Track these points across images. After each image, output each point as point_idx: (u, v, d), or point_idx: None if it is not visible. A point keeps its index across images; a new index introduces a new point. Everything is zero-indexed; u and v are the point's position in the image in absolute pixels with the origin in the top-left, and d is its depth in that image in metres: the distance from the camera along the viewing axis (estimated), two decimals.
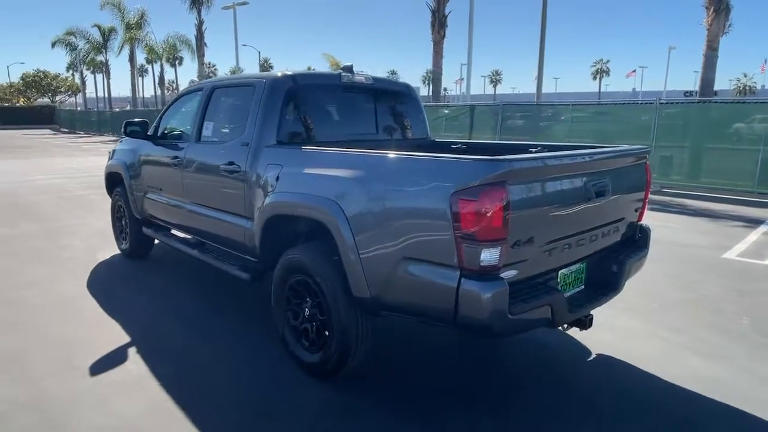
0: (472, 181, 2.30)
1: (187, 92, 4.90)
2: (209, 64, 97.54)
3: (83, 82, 47.64)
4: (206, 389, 3.10)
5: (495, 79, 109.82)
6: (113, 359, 3.44)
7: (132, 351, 3.56)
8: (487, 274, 2.36)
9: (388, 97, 4.49)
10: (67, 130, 41.09)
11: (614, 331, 4.02)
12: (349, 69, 4.09)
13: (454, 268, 2.38)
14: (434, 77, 20.14)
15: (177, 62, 59.22)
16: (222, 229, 4.00)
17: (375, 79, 4.27)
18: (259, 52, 59.57)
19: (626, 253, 3.33)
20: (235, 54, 28.87)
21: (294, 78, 3.75)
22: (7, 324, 4.00)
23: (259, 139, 3.58)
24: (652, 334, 3.99)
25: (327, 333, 3.05)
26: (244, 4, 26.54)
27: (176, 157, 4.46)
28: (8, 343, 3.67)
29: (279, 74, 3.77)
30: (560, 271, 2.89)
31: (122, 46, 35.56)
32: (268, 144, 3.56)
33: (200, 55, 31.02)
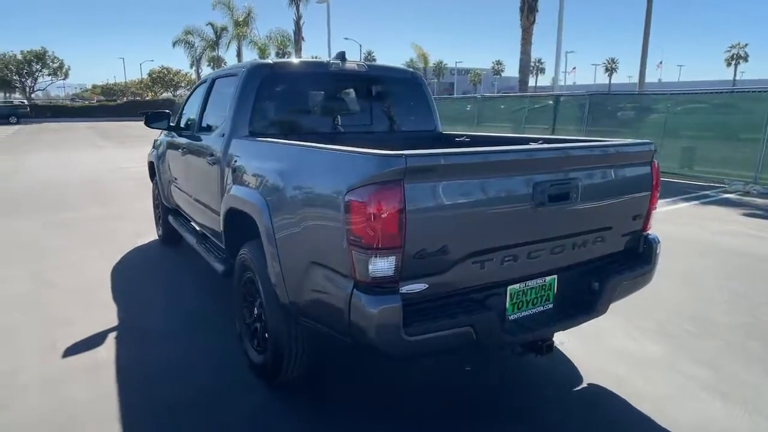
0: (363, 180, 1.99)
1: (201, 82, 4.99)
2: (313, 57, 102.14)
3: (198, 77, 51.83)
4: (158, 384, 3.10)
5: (610, 67, 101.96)
6: (89, 344, 3.58)
7: (111, 337, 3.69)
8: (381, 287, 2.05)
9: (387, 86, 4.20)
10: None
11: (627, 357, 3.43)
12: (341, 56, 3.87)
13: (348, 278, 2.10)
14: (521, 65, 19.02)
15: (284, 57, 62.11)
16: (208, 221, 4.01)
17: (371, 66, 4.02)
18: (360, 45, 60.45)
19: (616, 268, 2.78)
20: (328, 46, 29.61)
21: (272, 66, 3.61)
22: (23, 301, 4.35)
23: (231, 130, 3.50)
24: (674, 366, 3.33)
25: (266, 335, 2.91)
26: None
27: (184, 148, 4.55)
28: (13, 318, 3.98)
29: (257, 62, 3.65)
30: (509, 288, 2.46)
31: (230, 42, 38.13)
32: (240, 135, 3.46)
33: (298, 50, 32.29)
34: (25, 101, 44.15)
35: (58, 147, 19.45)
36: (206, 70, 52.21)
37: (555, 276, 2.62)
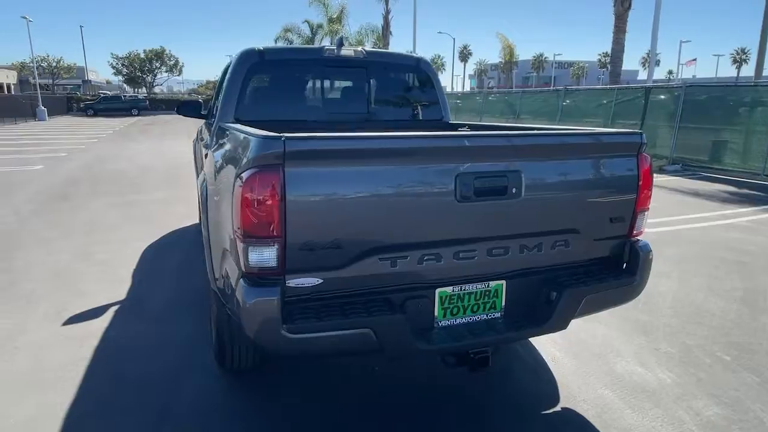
0: (247, 163, 1.86)
1: (223, 70, 5.10)
2: (408, 52, 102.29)
3: None
4: (128, 359, 3.21)
5: (739, 58, 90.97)
6: (89, 315, 3.81)
7: (111, 311, 3.90)
8: (264, 279, 1.91)
9: (388, 73, 3.99)
10: None
11: (626, 383, 2.97)
12: (339, 42, 3.75)
13: (239, 267, 1.98)
14: (613, 56, 17.49)
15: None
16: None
17: (369, 52, 3.84)
18: (454, 39, 59.47)
19: (584, 278, 2.38)
20: (413, 40, 29.39)
21: (261, 52, 3.57)
22: (54, 272, 4.75)
23: (219, 116, 3.53)
24: (680, 399, 2.82)
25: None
26: None
27: (200, 135, 4.70)
28: (38, 286, 4.36)
29: (247, 49, 3.64)
30: (438, 290, 2.20)
31: (322, 39, 39.27)
32: (226, 121, 3.47)
33: (385, 44, 32.48)
34: (145, 96, 48.92)
35: (162, 136, 21.29)
36: None
37: (503, 282, 2.30)
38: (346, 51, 3.70)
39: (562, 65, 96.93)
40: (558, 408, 2.75)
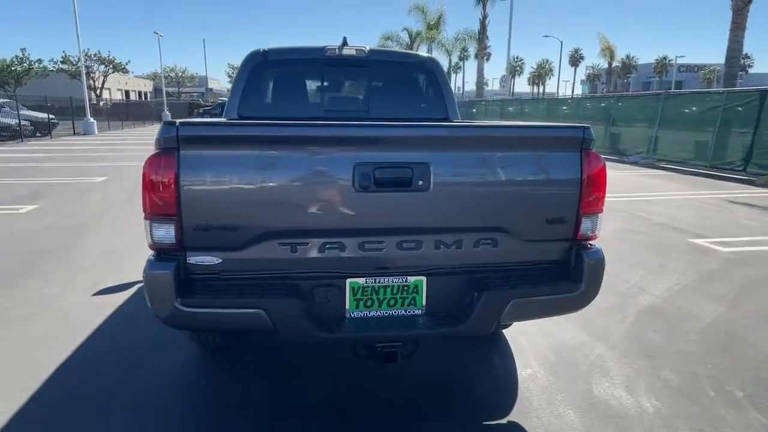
0: (154, 148, 2.01)
1: None
2: (516, 57, 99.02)
3: None
4: (128, 329, 3.56)
5: None
6: (116, 290, 4.27)
7: (135, 288, 4.32)
8: (165, 254, 2.04)
9: (390, 72, 3.98)
10: None
11: (597, 406, 2.71)
12: (343, 42, 3.85)
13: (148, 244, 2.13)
14: (728, 56, 15.58)
15: (465, 57, 61.32)
16: None
17: (372, 51, 3.87)
18: (561, 43, 56.74)
19: (512, 281, 2.22)
20: (507, 44, 28.60)
21: (265, 53, 3.77)
22: (112, 250, 5.36)
23: (225, 114, 3.79)
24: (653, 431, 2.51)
25: None
26: None
27: None
28: (91, 261, 4.95)
29: (253, 50, 3.85)
30: (348, 281, 2.18)
31: (419, 45, 39.66)
32: (230, 118, 3.72)
33: (481, 48, 31.97)
34: None
35: None
36: None
37: (422, 278, 2.23)
38: (348, 50, 3.77)
39: (690, 68, 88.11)
40: (502, 420, 2.58)
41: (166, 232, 2.00)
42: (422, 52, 42.02)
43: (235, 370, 3.05)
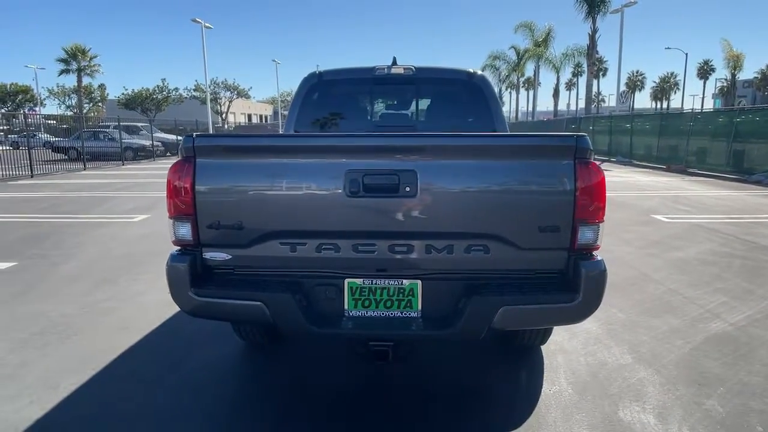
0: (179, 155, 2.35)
1: None
2: (636, 72, 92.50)
3: (500, 98, 54.48)
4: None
5: None
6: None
7: None
8: (187, 249, 2.35)
9: (437, 89, 4.11)
10: None
11: None
12: (392, 62, 4.08)
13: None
14: None
15: (578, 72, 58.62)
16: None
17: (419, 69, 4.03)
18: (687, 55, 52.04)
19: (504, 289, 2.22)
20: (618, 59, 26.89)
21: (320, 75, 4.10)
22: None
23: (285, 131, 4.17)
24: None
25: None
26: (631, 4, 24.40)
27: None
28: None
29: (310, 73, 4.19)
30: (347, 281, 2.33)
31: (524, 63, 38.91)
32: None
33: (590, 64, 30.43)
34: None
35: None
36: (505, 92, 54.46)
37: (418, 282, 2.31)
38: (396, 69, 3.98)
39: None
40: (508, 431, 2.54)
41: (185, 231, 2.31)
42: (529, 69, 41.27)
43: (272, 361, 3.32)
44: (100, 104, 58.47)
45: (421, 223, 2.22)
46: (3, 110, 50.93)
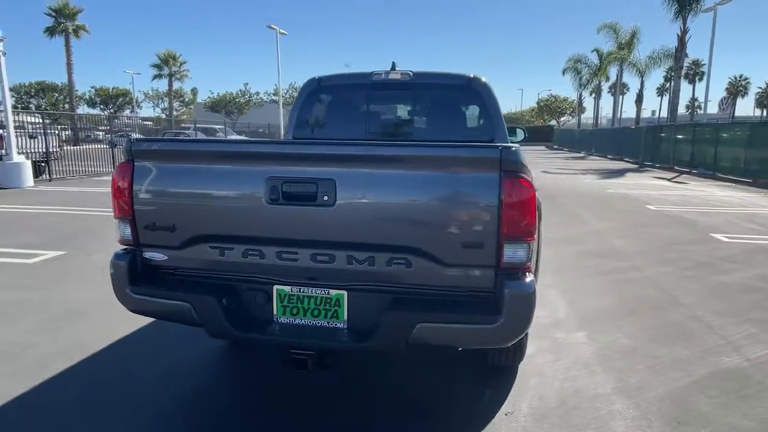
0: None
1: None
2: (739, 77, 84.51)
3: (580, 104, 52.02)
4: None
5: None
6: None
7: None
8: (128, 249, 2.49)
9: (434, 94, 4.03)
10: (557, 147, 46.37)
11: None
12: (391, 67, 4.08)
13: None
14: None
15: (670, 77, 54.31)
16: None
17: (417, 74, 3.99)
18: None
19: (425, 305, 2.16)
20: (708, 61, 24.68)
21: (319, 80, 4.18)
22: None
23: (285, 137, 4.30)
24: None
25: None
26: (725, 2, 22.26)
27: None
28: None
29: (310, 78, 4.27)
30: (276, 287, 2.36)
31: (606, 66, 36.87)
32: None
33: (677, 68, 28.12)
34: None
35: None
36: (588, 98, 51.90)
37: (344, 292, 2.30)
38: (393, 74, 3.96)
39: None
40: None
41: (127, 231, 2.44)
42: (612, 74, 39.07)
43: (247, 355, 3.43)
44: (191, 107, 62.95)
45: (340, 233, 2.21)
46: (106, 112, 56.28)
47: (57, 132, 16.57)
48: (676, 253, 6.47)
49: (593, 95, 47.25)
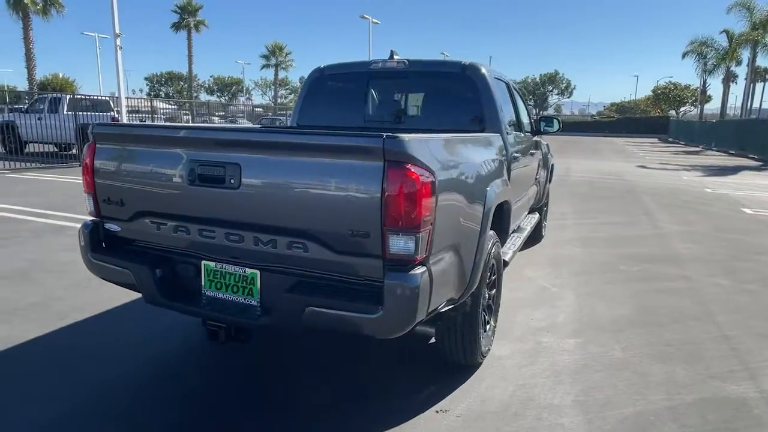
0: None
1: None
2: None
3: (703, 92, 46.41)
4: None
5: None
6: None
7: None
8: (93, 219, 2.78)
9: (429, 82, 3.94)
10: (672, 140, 42.14)
11: None
12: (389, 56, 4.06)
13: None
14: None
15: None
16: None
17: (412, 62, 3.92)
18: None
19: (316, 290, 2.19)
20: None
21: (322, 69, 4.26)
22: None
23: (290, 124, 4.46)
24: None
25: None
26: None
27: None
28: None
29: (315, 67, 4.35)
30: (203, 262, 2.52)
31: (735, 49, 32.60)
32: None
33: None
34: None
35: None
36: (715, 84, 46.22)
37: (257, 272, 2.39)
38: (389, 63, 3.93)
39: None
40: None
41: (91, 204, 2.76)
42: (745, 56, 34.47)
43: None
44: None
45: (245, 214, 2.32)
46: (222, 99, 61.20)
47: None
48: (747, 264, 5.68)
49: (723, 82, 42.17)
